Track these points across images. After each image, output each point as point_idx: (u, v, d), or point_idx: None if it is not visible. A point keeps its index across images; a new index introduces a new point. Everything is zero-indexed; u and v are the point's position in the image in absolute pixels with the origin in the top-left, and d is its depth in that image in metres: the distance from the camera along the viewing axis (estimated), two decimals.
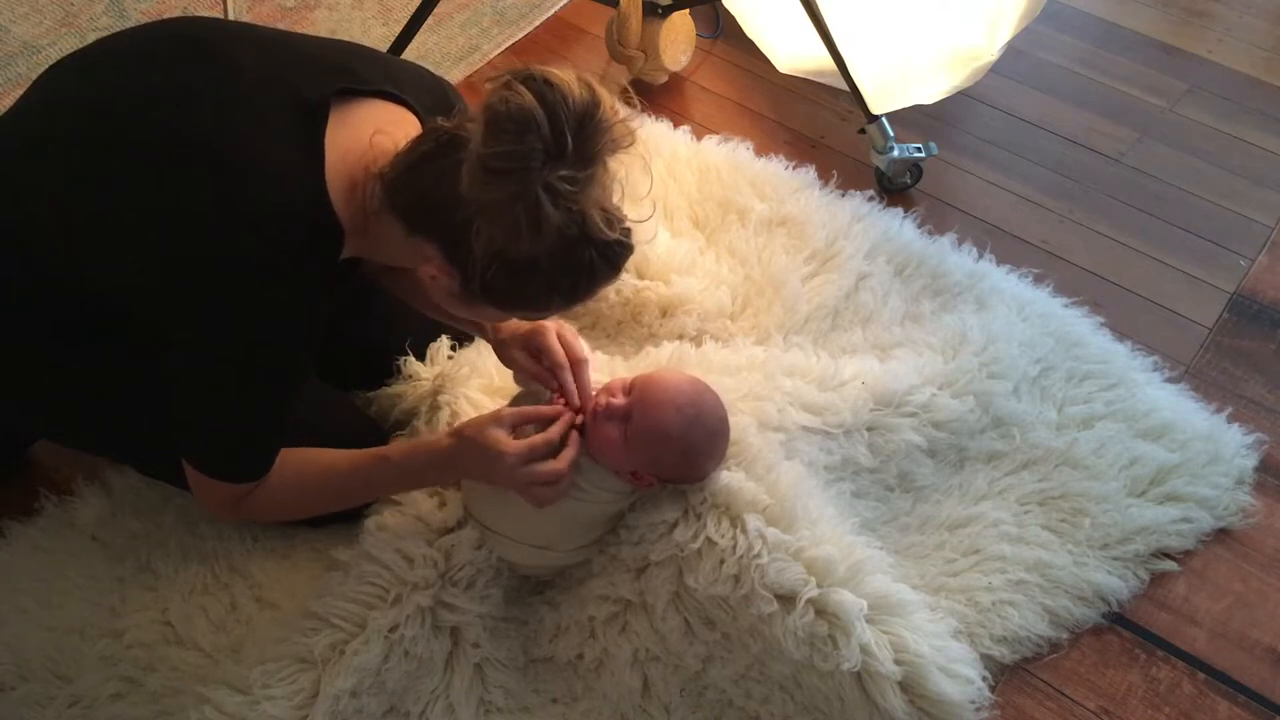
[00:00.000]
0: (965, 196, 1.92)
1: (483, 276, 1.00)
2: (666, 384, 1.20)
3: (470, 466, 1.16)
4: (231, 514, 1.19)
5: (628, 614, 1.23)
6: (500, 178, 0.94)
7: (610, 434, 1.17)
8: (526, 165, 0.93)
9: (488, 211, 0.96)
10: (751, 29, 2.10)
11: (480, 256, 0.98)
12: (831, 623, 1.14)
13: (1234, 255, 1.85)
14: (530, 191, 0.94)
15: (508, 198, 0.94)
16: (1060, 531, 1.41)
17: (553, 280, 1.01)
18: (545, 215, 0.95)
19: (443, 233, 1.01)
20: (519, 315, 1.14)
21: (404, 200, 1.03)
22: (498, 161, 0.93)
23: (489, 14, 2.17)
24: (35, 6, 2.03)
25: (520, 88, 0.93)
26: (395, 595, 1.18)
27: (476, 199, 0.95)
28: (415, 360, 1.40)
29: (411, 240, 1.04)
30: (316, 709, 1.12)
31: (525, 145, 0.93)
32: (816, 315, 1.59)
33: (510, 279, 1.00)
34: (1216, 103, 2.14)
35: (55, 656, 1.23)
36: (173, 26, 1.12)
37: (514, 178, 0.94)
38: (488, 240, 0.97)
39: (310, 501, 1.23)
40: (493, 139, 0.93)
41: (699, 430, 1.19)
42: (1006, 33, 1.86)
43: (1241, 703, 1.31)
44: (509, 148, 0.93)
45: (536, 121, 0.92)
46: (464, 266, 1.01)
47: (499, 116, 0.93)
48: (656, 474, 1.20)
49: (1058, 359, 1.58)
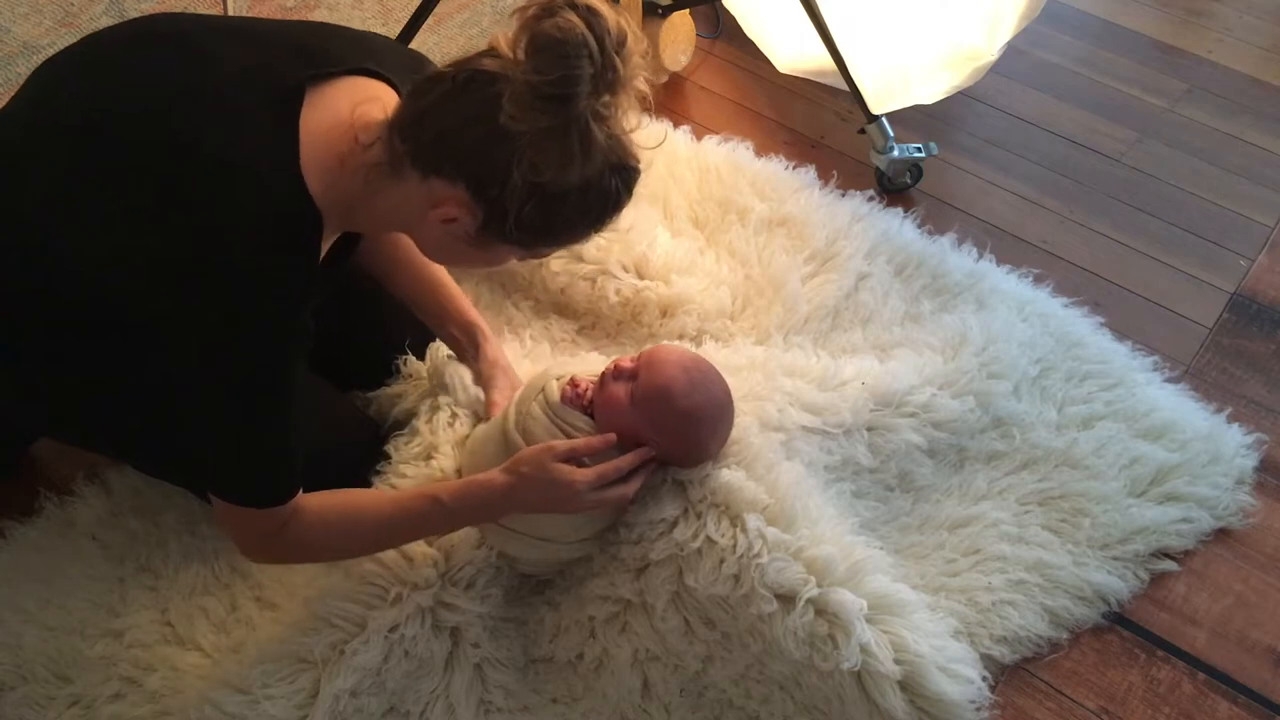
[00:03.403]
0: (965, 196, 1.92)
1: (519, 211, 1.00)
2: (673, 349, 1.23)
3: (535, 500, 1.16)
4: (269, 551, 1.13)
5: (627, 614, 1.23)
6: (554, 104, 0.94)
7: (617, 392, 1.18)
8: (578, 91, 0.94)
9: (537, 140, 0.96)
10: (751, 29, 2.10)
11: (519, 188, 0.98)
12: (831, 622, 1.14)
13: (1234, 255, 1.85)
14: (582, 117, 0.95)
15: (561, 124, 0.95)
16: (1060, 531, 1.41)
17: (583, 209, 1.03)
18: (595, 141, 0.96)
19: (472, 169, 1.00)
20: (536, 252, 1.13)
21: (422, 143, 1.01)
22: (551, 87, 0.93)
23: (489, 14, 2.17)
24: (35, 6, 2.03)
25: (569, 14, 0.93)
26: (395, 595, 1.17)
27: (526, 129, 0.95)
28: (415, 360, 1.40)
29: (426, 186, 1.03)
30: (316, 709, 1.12)
31: (579, 70, 0.93)
32: (816, 315, 1.60)
33: (544, 211, 1.00)
34: (1216, 102, 2.14)
35: (55, 656, 1.23)
36: (157, 23, 1.12)
37: (568, 104, 0.94)
38: (531, 170, 0.97)
39: (354, 544, 1.18)
40: (546, 65, 0.93)
41: (702, 394, 1.19)
42: (1006, 33, 1.86)
43: (1241, 703, 1.31)
44: (563, 73, 0.93)
45: (589, 48, 0.93)
46: (493, 203, 1.00)
47: (552, 43, 0.93)
48: (659, 442, 1.19)
49: (1058, 359, 1.58)
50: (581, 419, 1.19)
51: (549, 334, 1.58)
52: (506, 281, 1.63)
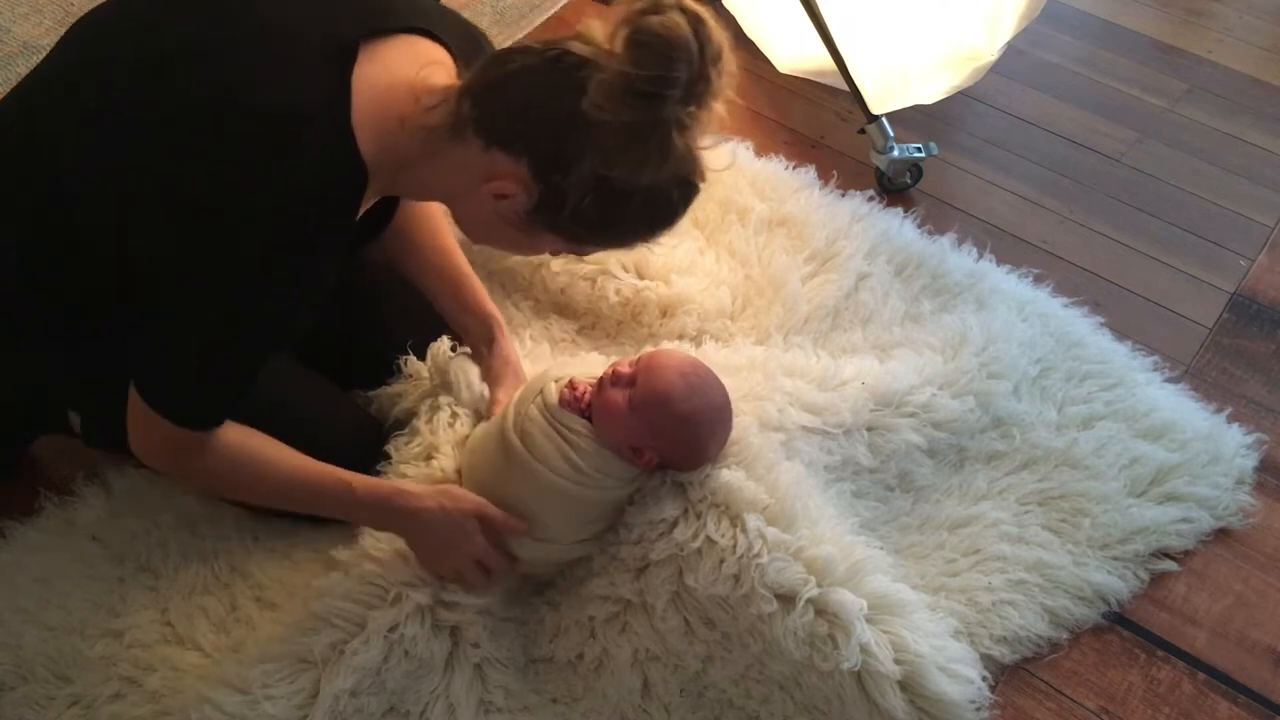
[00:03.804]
0: (965, 196, 1.92)
1: (578, 201, 0.98)
2: (672, 354, 1.22)
3: (433, 539, 1.17)
4: (165, 462, 1.12)
5: (627, 614, 1.23)
6: (644, 101, 0.93)
7: (615, 399, 1.18)
8: (669, 94, 0.93)
9: (617, 134, 0.94)
10: (751, 29, 2.10)
11: (585, 177, 0.97)
12: (831, 622, 1.14)
13: (1234, 255, 1.85)
14: (666, 120, 0.94)
15: (645, 123, 0.94)
16: (1060, 531, 1.41)
17: (642, 214, 1.02)
18: (673, 148, 0.95)
19: (541, 147, 0.98)
20: (579, 248, 1.11)
21: (493, 112, 0.99)
22: (646, 84, 0.92)
23: (489, 14, 2.17)
24: (35, 6, 2.03)
25: (676, 15, 0.92)
26: (395, 595, 1.17)
27: (608, 119, 0.94)
28: (416, 359, 1.40)
29: (487, 156, 1.00)
30: (316, 709, 1.12)
31: (675, 73, 0.92)
32: (816, 315, 1.59)
33: (604, 207, 0.99)
34: (1216, 102, 2.14)
35: (55, 657, 1.22)
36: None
37: (658, 104, 0.93)
38: (602, 162, 0.96)
39: (251, 494, 1.18)
40: (645, 61, 0.92)
41: (700, 399, 1.19)
42: (1006, 33, 1.86)
43: (1241, 703, 1.31)
44: (659, 72, 0.92)
45: (689, 52, 0.92)
46: (554, 187, 0.99)
47: (655, 39, 0.91)
48: (658, 448, 1.19)
49: (1058, 359, 1.58)
50: (579, 422, 1.19)
51: (549, 334, 1.57)
52: (506, 281, 1.63)
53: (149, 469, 1.37)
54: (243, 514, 1.35)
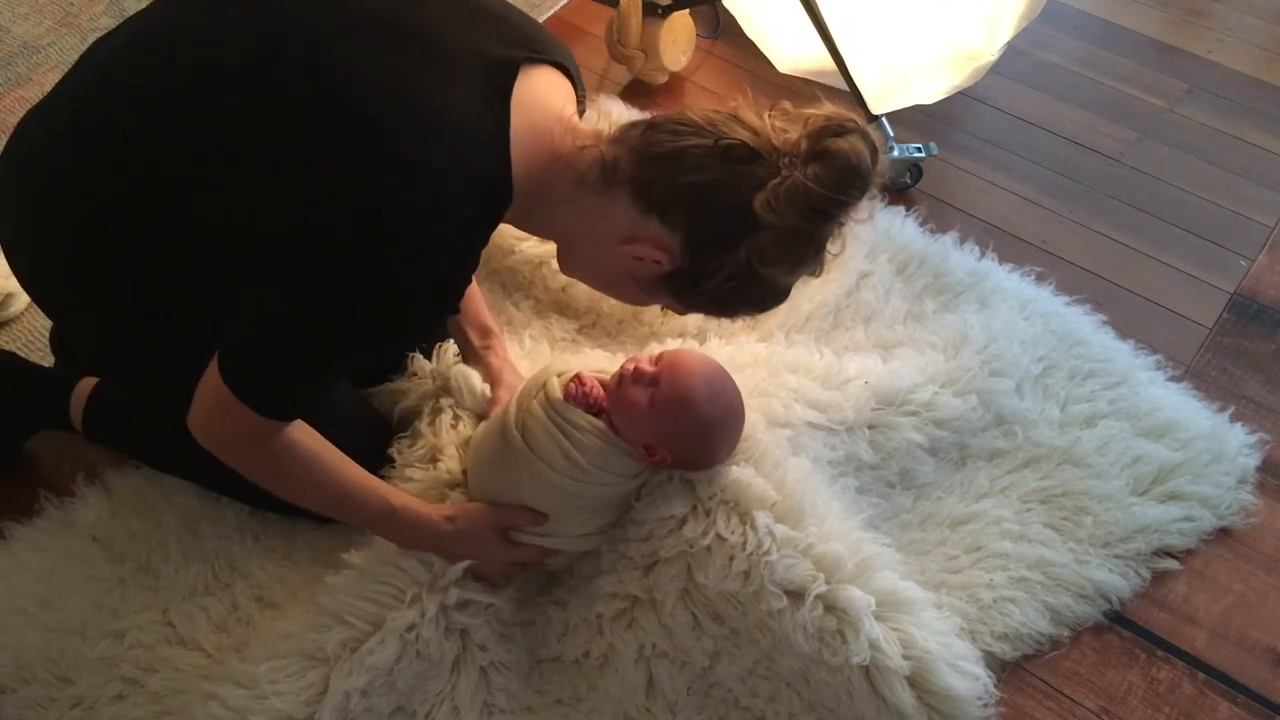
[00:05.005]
0: (965, 196, 1.92)
1: (719, 282, 1.03)
2: (696, 356, 1.23)
3: (459, 555, 1.19)
4: (228, 447, 1.07)
5: (635, 610, 1.22)
6: (817, 216, 1.00)
7: (637, 398, 1.17)
8: (841, 216, 1.02)
9: (780, 235, 1.00)
10: (751, 29, 2.10)
11: (738, 265, 1.02)
12: (840, 618, 1.14)
13: (1234, 255, 1.85)
14: (829, 234, 1.03)
15: (808, 232, 1.01)
16: (1062, 529, 1.41)
17: (763, 297, 1.09)
18: (823, 257, 1.05)
19: (702, 228, 1.02)
20: (691, 311, 1.15)
21: (656, 180, 1.02)
22: (824, 202, 0.99)
23: None
24: (35, 6, 2.03)
25: (859, 143, 0.99)
26: (412, 595, 1.16)
27: (776, 223, 0.99)
28: (422, 358, 1.39)
29: (639, 219, 1.03)
30: (325, 706, 1.11)
31: (850, 198, 1.00)
32: (818, 314, 1.59)
33: (740, 292, 1.05)
34: (1216, 103, 2.14)
35: (56, 658, 1.22)
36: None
37: (827, 221, 1.01)
38: (759, 257, 1.01)
39: (305, 497, 1.17)
40: (828, 180, 0.98)
41: (721, 405, 1.20)
42: (1006, 33, 1.86)
43: (1241, 703, 1.31)
44: (838, 196, 0.99)
45: (866, 182, 1.00)
46: (701, 265, 1.03)
47: (844, 163, 0.98)
48: (672, 449, 1.19)
49: (1060, 357, 1.58)
50: (584, 417, 1.18)
51: (549, 334, 1.57)
52: (507, 280, 1.62)
53: (149, 470, 1.38)
54: (243, 514, 1.35)
